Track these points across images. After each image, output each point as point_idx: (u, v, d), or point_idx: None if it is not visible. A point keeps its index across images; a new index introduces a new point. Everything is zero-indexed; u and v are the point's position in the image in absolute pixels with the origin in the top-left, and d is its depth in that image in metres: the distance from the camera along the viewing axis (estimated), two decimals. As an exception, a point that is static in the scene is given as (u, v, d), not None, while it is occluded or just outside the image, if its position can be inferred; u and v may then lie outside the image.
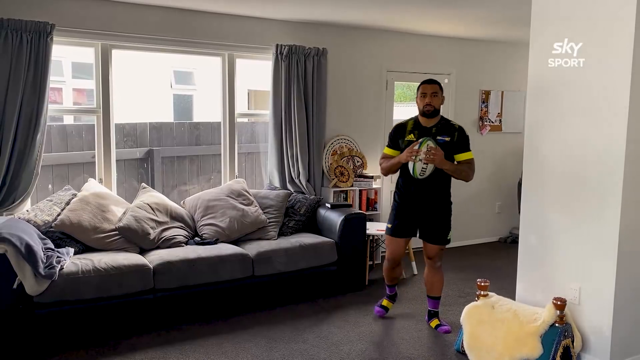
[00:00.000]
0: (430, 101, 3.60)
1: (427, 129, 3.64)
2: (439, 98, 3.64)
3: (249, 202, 4.58)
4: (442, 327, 3.78)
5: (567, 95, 3.35)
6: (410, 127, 3.70)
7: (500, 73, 6.31)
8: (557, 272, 3.41)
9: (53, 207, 3.95)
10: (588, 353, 3.27)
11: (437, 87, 3.64)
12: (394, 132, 3.77)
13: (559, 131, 3.40)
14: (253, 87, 7.29)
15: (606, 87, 3.13)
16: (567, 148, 3.36)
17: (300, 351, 3.41)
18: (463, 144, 3.64)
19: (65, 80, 8.60)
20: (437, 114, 3.65)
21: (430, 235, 3.73)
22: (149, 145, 5.07)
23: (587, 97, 3.23)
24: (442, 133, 3.62)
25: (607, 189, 3.13)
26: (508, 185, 6.40)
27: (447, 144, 3.59)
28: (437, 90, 3.63)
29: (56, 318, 3.40)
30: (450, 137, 3.61)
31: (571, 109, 3.32)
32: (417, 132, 3.65)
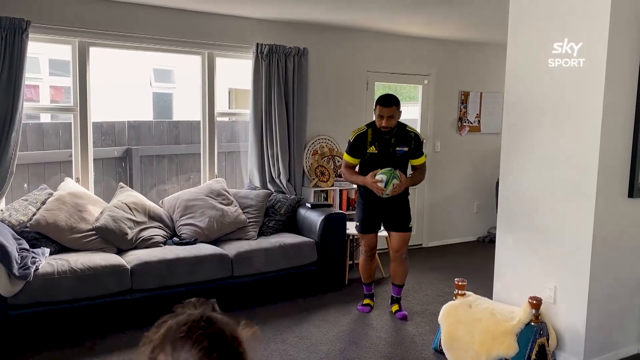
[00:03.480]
0: (387, 124, 3.76)
1: (386, 140, 3.85)
2: (395, 119, 3.79)
3: (229, 202, 4.56)
4: (400, 312, 4.00)
5: (543, 98, 3.40)
6: (370, 138, 3.86)
7: (479, 74, 6.38)
8: (533, 271, 3.47)
9: (28, 207, 3.88)
10: (563, 351, 3.33)
11: (393, 110, 3.76)
12: (355, 142, 3.90)
13: (535, 132, 3.45)
14: (234, 86, 7.26)
15: (581, 89, 3.18)
16: (543, 149, 3.41)
17: (279, 351, 3.41)
18: (418, 150, 3.91)
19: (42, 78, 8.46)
20: (396, 132, 3.86)
21: (394, 224, 3.98)
22: (127, 144, 5.01)
23: (562, 100, 3.29)
24: (400, 144, 3.85)
25: (582, 190, 3.19)
26: (486, 186, 6.47)
27: (405, 153, 3.87)
28: (394, 113, 3.76)
29: (31, 319, 3.34)
30: (408, 146, 3.85)
31: (547, 110, 3.38)
32: (377, 144, 3.85)
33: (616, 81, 3.11)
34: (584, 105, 3.17)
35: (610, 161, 3.17)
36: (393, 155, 3.86)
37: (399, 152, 3.85)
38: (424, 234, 6.28)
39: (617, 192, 3.25)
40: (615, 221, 3.26)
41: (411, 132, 3.88)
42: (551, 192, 3.37)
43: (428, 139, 6.17)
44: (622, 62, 3.12)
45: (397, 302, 4.09)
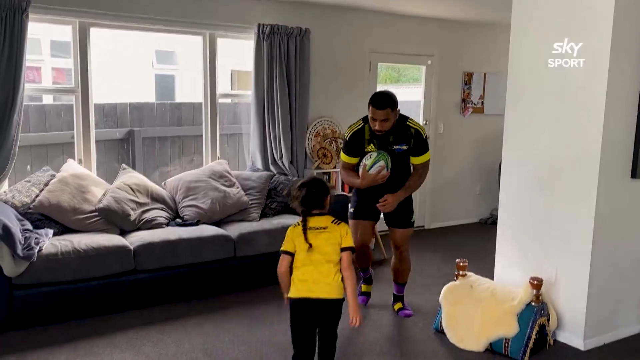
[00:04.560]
0: (381, 127, 3.37)
1: (384, 138, 3.46)
2: (391, 121, 3.38)
3: (231, 184, 4.57)
4: (403, 311, 3.77)
5: (546, 78, 3.37)
6: (368, 136, 3.50)
7: (482, 55, 6.32)
8: (535, 252, 3.47)
9: (31, 188, 3.90)
10: (563, 331, 3.35)
11: (387, 112, 3.32)
12: (351, 140, 3.55)
13: (538, 114, 3.43)
14: (237, 68, 7.22)
15: (585, 75, 3.15)
16: (546, 130, 3.40)
17: (282, 331, 3.43)
18: (420, 147, 3.51)
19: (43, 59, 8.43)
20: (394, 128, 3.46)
21: (395, 220, 3.63)
22: (129, 125, 5.00)
23: (566, 82, 3.26)
24: (399, 141, 3.47)
25: (585, 171, 3.18)
26: (489, 167, 6.45)
27: (405, 152, 3.51)
28: (388, 116, 3.33)
29: (36, 299, 3.38)
30: (407, 144, 3.48)
31: (551, 92, 3.35)
32: (376, 142, 3.48)
33: (620, 62, 3.08)
34: (588, 86, 3.15)
35: (613, 142, 3.15)
36: (391, 154, 3.47)
37: (397, 151, 3.48)
38: (426, 215, 6.28)
39: (620, 173, 3.24)
40: (617, 201, 3.25)
41: (411, 128, 3.47)
42: (554, 173, 3.36)
43: (431, 121, 6.14)
44: (626, 41, 3.08)
45: (400, 300, 3.84)
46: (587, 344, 3.27)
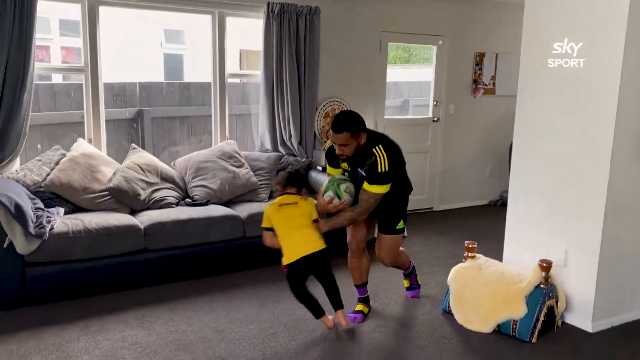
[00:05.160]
0: (340, 152, 3.06)
1: (354, 159, 3.13)
2: (353, 144, 3.02)
3: (240, 164, 4.57)
4: (412, 292, 3.68)
5: (557, 57, 3.32)
6: None
7: (494, 35, 6.23)
8: (544, 234, 3.46)
9: (42, 167, 3.92)
10: (572, 313, 3.35)
11: (346, 137, 2.98)
12: (329, 151, 3.28)
13: (551, 95, 3.39)
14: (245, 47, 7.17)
15: (600, 58, 3.10)
16: (558, 111, 3.35)
17: (289, 310, 3.46)
18: (370, 176, 3.07)
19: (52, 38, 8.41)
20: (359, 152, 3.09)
21: (379, 222, 3.37)
22: (138, 105, 5.01)
23: (580, 62, 3.21)
24: (362, 164, 3.13)
25: (597, 152, 3.15)
26: (500, 149, 6.40)
27: (364, 178, 3.13)
28: (346, 140, 2.99)
29: (47, 277, 3.42)
30: (365, 171, 3.11)
31: (564, 73, 3.30)
32: (347, 163, 3.20)
33: (635, 42, 3.02)
34: (602, 68, 3.10)
35: (626, 123, 3.11)
36: (358, 176, 3.17)
37: (360, 175, 3.15)
38: (435, 197, 6.27)
39: (633, 155, 3.20)
40: (629, 184, 3.22)
41: (374, 156, 3.04)
42: (565, 154, 3.33)
43: (442, 101, 6.09)
44: (644, 21, 3.02)
45: (408, 277, 3.69)
46: (595, 326, 3.27)
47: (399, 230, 3.31)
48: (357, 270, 3.44)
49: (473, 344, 3.11)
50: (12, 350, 2.87)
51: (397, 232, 3.31)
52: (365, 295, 3.50)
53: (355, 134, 3.01)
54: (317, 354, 2.95)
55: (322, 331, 3.19)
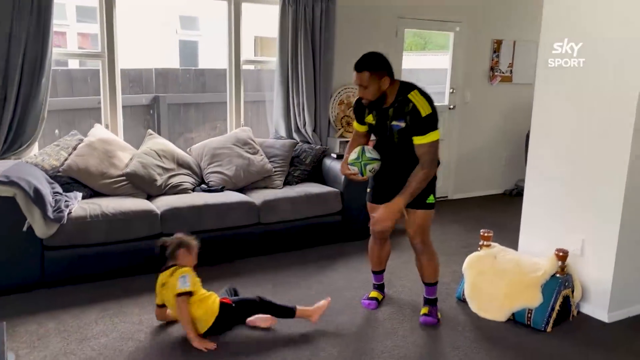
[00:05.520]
0: (361, 95, 2.89)
1: (385, 111, 2.94)
2: (373, 86, 2.82)
3: (255, 151, 4.58)
4: (425, 317, 3.19)
5: (578, 45, 3.27)
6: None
7: (512, 22, 6.14)
8: (561, 223, 3.43)
9: (60, 152, 3.97)
10: (588, 303, 3.33)
11: (365, 76, 2.81)
12: (356, 109, 3.14)
13: (570, 82, 3.34)
14: (260, 34, 7.16)
15: (621, 44, 3.05)
16: (577, 100, 3.31)
17: (304, 296, 3.49)
18: (417, 126, 2.83)
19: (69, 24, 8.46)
20: (383, 99, 2.89)
21: None
22: (154, 91, 5.03)
23: (601, 49, 3.16)
24: (397, 117, 2.89)
25: (617, 140, 3.11)
26: (516, 137, 6.35)
27: (404, 130, 2.88)
28: (366, 80, 2.81)
29: (66, 260, 3.48)
30: (404, 121, 2.86)
31: (585, 60, 3.25)
32: (375, 113, 2.99)
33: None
34: (623, 53, 3.04)
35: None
36: (390, 131, 2.94)
37: (395, 128, 2.90)
38: (450, 186, 6.24)
39: (654, 144, 3.15)
40: (649, 174, 3.18)
41: (410, 102, 2.83)
42: (584, 142, 3.29)
43: (458, 89, 6.04)
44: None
45: (429, 304, 3.24)
46: (612, 316, 3.25)
47: (429, 205, 3.02)
48: (377, 257, 3.37)
49: (487, 332, 3.11)
50: (32, 332, 2.93)
51: (428, 207, 3.03)
52: (381, 282, 3.47)
53: (377, 73, 2.80)
54: (332, 339, 2.97)
55: (337, 318, 3.20)
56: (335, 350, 2.87)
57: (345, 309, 3.32)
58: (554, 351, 2.92)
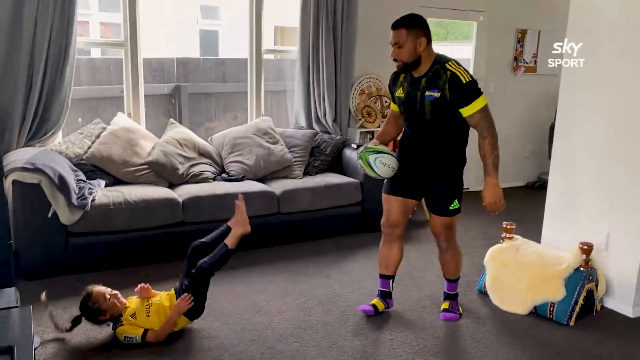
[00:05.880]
0: (395, 55, 2.72)
1: (417, 81, 2.77)
2: (408, 46, 2.67)
3: (275, 141, 4.58)
4: (445, 313, 3.11)
5: (609, 36, 3.19)
6: (401, 79, 2.87)
7: (537, 11, 6.02)
8: (586, 217, 3.38)
9: (84, 140, 4.01)
10: (612, 298, 3.28)
11: (401, 34, 2.67)
12: (390, 84, 3.00)
13: (597, 73, 3.27)
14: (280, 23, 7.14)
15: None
16: (604, 91, 3.24)
17: (324, 285, 3.49)
18: (461, 95, 2.66)
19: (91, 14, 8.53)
20: (416, 64, 2.73)
21: (432, 202, 2.96)
22: (175, 81, 5.05)
23: (632, 39, 3.08)
24: (431, 86, 2.71)
25: (645, 134, 3.04)
26: (539, 129, 6.25)
27: (438, 101, 2.69)
28: (401, 39, 2.67)
29: (89, 247, 3.53)
30: (440, 91, 2.67)
31: (615, 48, 3.17)
32: (406, 85, 2.81)
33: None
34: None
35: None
36: (421, 104, 2.73)
37: (429, 99, 2.70)
38: (472, 177, 6.16)
39: (684, 137, 3.07)
40: (679, 167, 3.11)
41: (448, 70, 2.66)
42: (610, 135, 3.22)
43: (481, 79, 5.94)
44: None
45: (449, 299, 3.17)
46: (636, 311, 3.20)
47: (453, 212, 2.89)
48: (384, 258, 3.10)
49: (509, 325, 3.08)
50: (57, 316, 2.97)
51: (453, 214, 2.90)
52: (386, 289, 3.14)
53: (414, 32, 2.65)
54: (351, 328, 2.97)
55: (357, 306, 3.20)
56: (356, 339, 2.87)
57: (366, 300, 3.31)
58: (576, 345, 2.88)
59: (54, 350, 2.67)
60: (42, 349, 2.66)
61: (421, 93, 2.73)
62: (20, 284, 3.09)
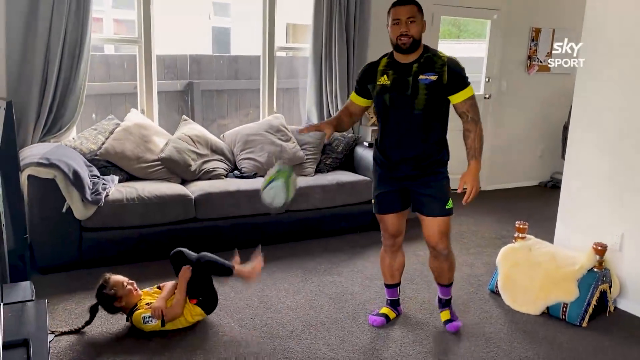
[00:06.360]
0: (406, 29, 2.56)
1: (405, 67, 2.64)
2: (419, 24, 2.60)
3: (287, 138, 4.59)
4: (451, 324, 2.98)
5: (624, 34, 3.16)
6: (382, 67, 2.71)
7: (552, 9, 5.97)
8: (600, 217, 3.35)
9: (98, 136, 4.04)
10: (626, 299, 3.25)
11: (414, 9, 2.59)
12: (362, 75, 2.80)
13: (613, 72, 3.24)
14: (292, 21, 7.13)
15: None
16: (621, 92, 3.21)
17: (335, 283, 3.50)
18: (456, 80, 2.61)
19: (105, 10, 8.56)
20: (417, 45, 2.62)
21: (424, 205, 2.76)
22: (188, 77, 5.07)
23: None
24: (426, 70, 2.60)
25: (662, 134, 3.00)
26: (552, 128, 6.20)
27: (435, 85, 2.59)
28: (415, 14, 2.58)
29: (102, 242, 3.56)
30: (437, 74, 2.59)
31: (631, 49, 3.14)
32: (391, 73, 2.66)
33: None
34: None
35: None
36: (414, 88, 2.60)
37: (424, 82, 2.58)
38: (484, 176, 6.14)
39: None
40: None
41: (442, 57, 2.63)
42: (625, 135, 3.19)
43: (494, 78, 5.92)
44: None
45: (447, 307, 3.04)
46: (650, 313, 3.17)
47: (449, 211, 2.75)
48: (389, 267, 3.03)
49: (521, 325, 3.06)
50: (71, 310, 3.02)
51: (448, 213, 2.75)
52: (395, 298, 3.10)
53: (421, 11, 2.62)
54: (362, 326, 2.98)
55: (367, 306, 3.20)
56: (367, 337, 2.87)
57: (376, 298, 3.31)
58: (589, 346, 2.86)
59: (68, 344, 2.70)
60: (56, 343, 2.69)
61: (413, 77, 2.61)
62: (34, 278, 3.13)
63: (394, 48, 2.66)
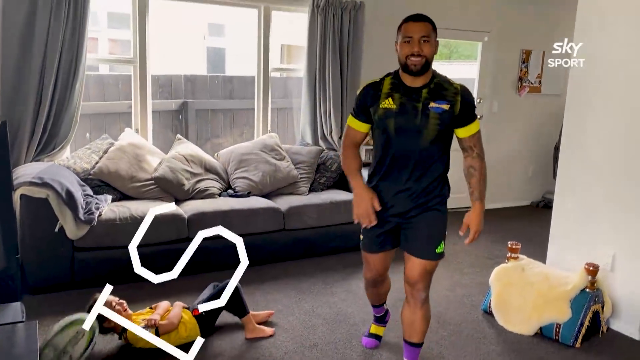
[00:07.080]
0: (418, 50, 2.31)
1: (414, 91, 2.39)
2: (433, 45, 2.37)
3: (282, 157, 4.61)
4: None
5: (614, 56, 3.22)
6: (387, 89, 2.43)
7: (543, 32, 6.07)
8: (592, 237, 3.37)
9: (91, 155, 4.04)
10: (618, 319, 3.26)
11: (429, 28, 2.36)
12: (363, 96, 2.49)
13: (604, 93, 3.29)
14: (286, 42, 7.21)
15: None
16: (611, 110, 3.26)
17: (328, 303, 3.49)
18: (468, 113, 2.41)
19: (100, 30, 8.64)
20: (428, 68, 2.38)
21: (413, 244, 2.50)
22: (183, 97, 5.10)
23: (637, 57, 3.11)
24: (437, 97, 2.36)
25: (651, 155, 3.05)
26: (543, 149, 6.26)
27: (446, 115, 2.36)
28: (429, 33, 2.35)
29: (95, 262, 3.53)
30: (449, 104, 2.36)
31: (620, 68, 3.20)
32: (398, 96, 2.39)
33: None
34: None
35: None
36: (424, 117, 2.35)
37: (436, 111, 2.34)
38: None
39: (690, 159, 3.08)
40: (685, 189, 3.11)
41: (455, 85, 2.40)
42: (615, 155, 3.23)
43: (485, 99, 5.99)
44: None
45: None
46: (643, 333, 3.18)
47: (439, 255, 2.49)
48: (375, 296, 2.89)
49: (514, 346, 3.06)
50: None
51: (438, 258, 2.50)
52: (381, 314, 3.01)
53: (435, 33, 2.39)
54: (356, 347, 2.96)
55: (362, 327, 3.19)
56: (359, 358, 2.85)
57: (370, 319, 3.29)
58: (583, 367, 2.86)
59: (58, 366, 2.66)
60: (46, 364, 2.65)
61: (423, 105, 2.36)
62: (25, 298, 3.10)
63: (402, 68, 2.40)
